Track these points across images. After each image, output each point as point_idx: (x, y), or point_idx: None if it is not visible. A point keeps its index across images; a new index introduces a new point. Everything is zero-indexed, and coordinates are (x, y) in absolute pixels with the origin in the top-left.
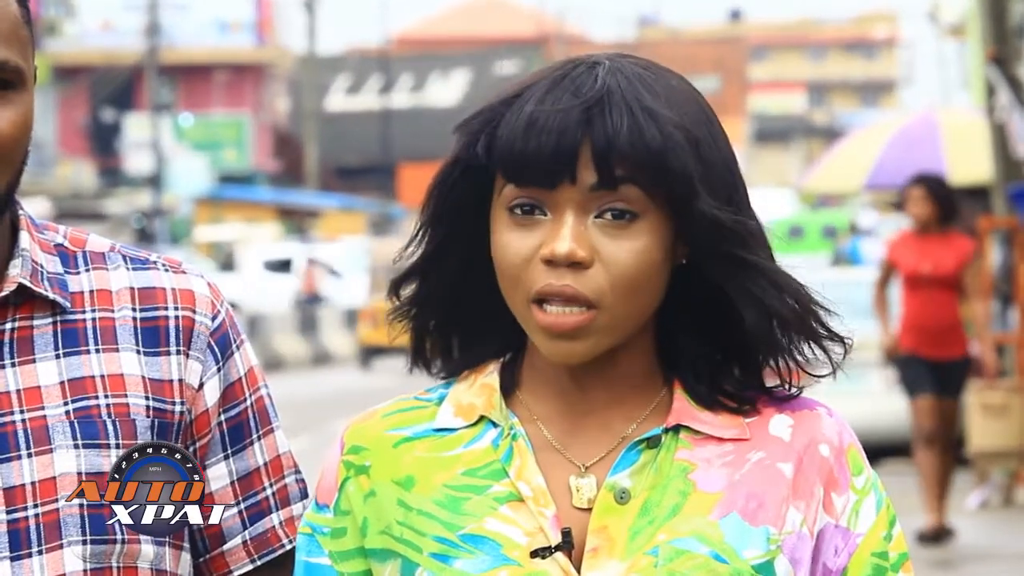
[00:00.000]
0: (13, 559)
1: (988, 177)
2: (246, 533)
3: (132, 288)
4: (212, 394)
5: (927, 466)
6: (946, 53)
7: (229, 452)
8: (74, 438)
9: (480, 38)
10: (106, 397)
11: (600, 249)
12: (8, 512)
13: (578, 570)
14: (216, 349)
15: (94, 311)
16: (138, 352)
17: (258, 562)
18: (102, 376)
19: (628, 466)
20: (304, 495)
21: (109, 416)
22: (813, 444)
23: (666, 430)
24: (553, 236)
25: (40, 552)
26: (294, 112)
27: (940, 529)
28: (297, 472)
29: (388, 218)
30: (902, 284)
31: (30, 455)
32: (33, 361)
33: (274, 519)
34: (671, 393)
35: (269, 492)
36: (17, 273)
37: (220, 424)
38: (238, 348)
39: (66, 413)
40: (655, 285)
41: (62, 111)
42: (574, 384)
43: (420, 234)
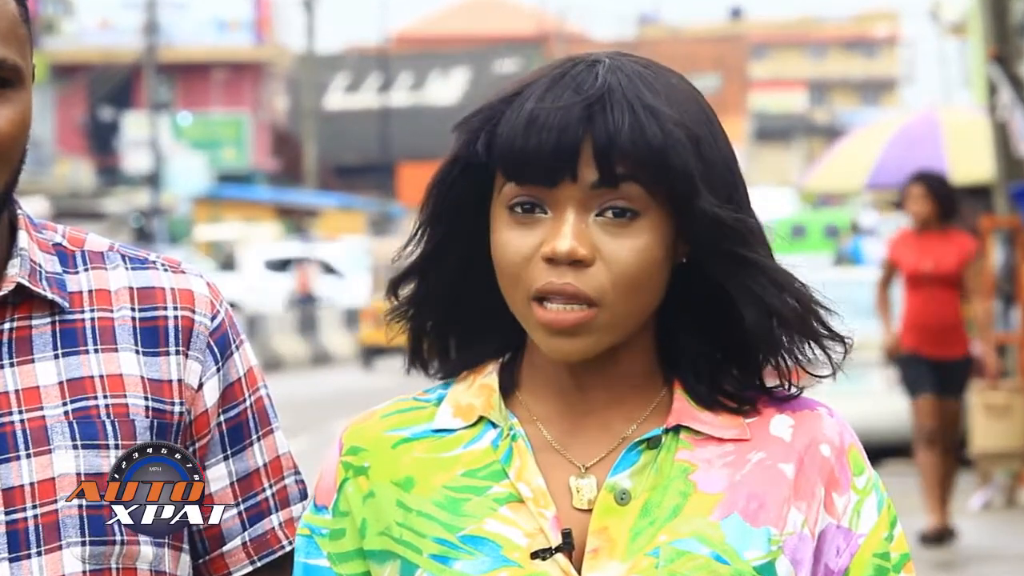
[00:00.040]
0: (12, 560)
1: (990, 176)
2: (246, 534)
3: (131, 288)
4: (211, 394)
5: (928, 466)
6: (947, 51)
7: (229, 453)
8: (73, 439)
9: (480, 36)
10: (105, 397)
11: (601, 247)
12: (7, 513)
13: (578, 571)
14: (215, 349)
15: (93, 311)
16: (137, 352)
17: (258, 563)
18: (101, 376)
19: (628, 467)
20: (304, 496)
21: (108, 416)
22: (814, 444)
23: (666, 430)
24: (554, 234)
25: (39, 553)
26: (293, 111)
27: (942, 530)
28: (297, 473)
29: (387, 217)
30: (904, 283)
31: (29, 456)
32: (32, 361)
33: (274, 520)
34: (671, 393)
35: (269, 493)
36: (15, 273)
37: (219, 425)
38: (237, 348)
39: (65, 413)
40: (656, 283)
41: (60, 110)
42: (574, 384)
43: (419, 233)
